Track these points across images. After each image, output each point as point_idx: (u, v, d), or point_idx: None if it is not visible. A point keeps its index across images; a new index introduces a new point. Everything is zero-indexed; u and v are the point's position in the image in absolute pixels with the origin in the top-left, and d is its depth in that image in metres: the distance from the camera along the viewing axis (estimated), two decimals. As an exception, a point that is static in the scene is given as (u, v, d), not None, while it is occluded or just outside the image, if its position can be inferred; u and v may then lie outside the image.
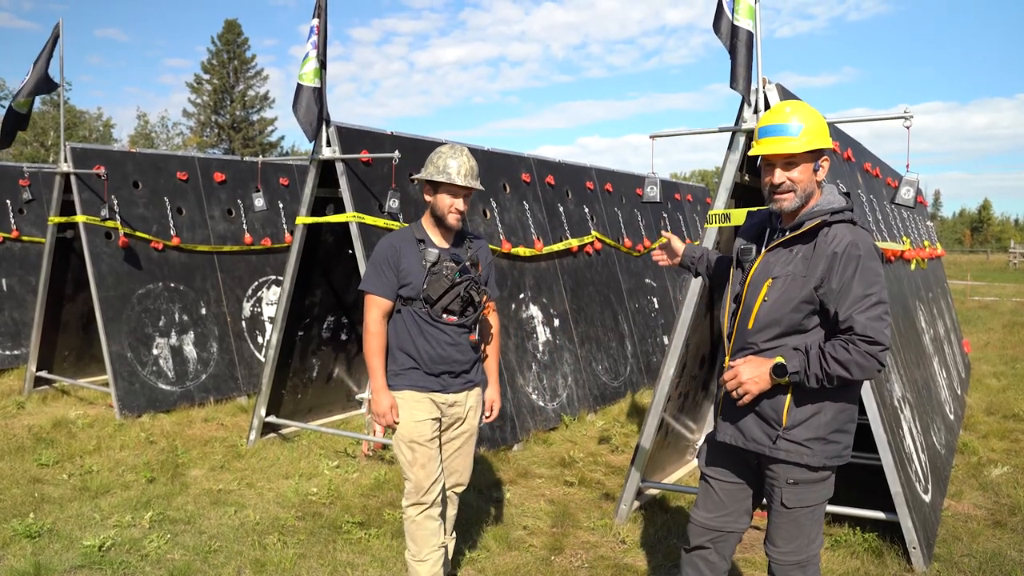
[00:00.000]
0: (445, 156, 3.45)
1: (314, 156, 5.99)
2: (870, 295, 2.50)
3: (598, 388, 7.83)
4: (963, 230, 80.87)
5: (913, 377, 5.31)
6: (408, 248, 3.48)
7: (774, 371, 2.54)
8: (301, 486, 5.45)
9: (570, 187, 8.44)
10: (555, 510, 5.06)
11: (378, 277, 3.48)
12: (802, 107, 2.64)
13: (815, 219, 2.60)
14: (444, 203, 3.45)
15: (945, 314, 8.41)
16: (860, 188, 5.72)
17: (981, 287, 24.20)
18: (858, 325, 2.48)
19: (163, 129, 49.63)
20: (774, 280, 2.61)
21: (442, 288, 3.43)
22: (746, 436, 2.73)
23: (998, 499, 5.17)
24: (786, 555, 2.77)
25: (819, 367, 2.49)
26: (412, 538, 3.55)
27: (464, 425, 3.64)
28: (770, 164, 2.64)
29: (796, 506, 2.71)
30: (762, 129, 2.65)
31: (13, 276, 10.05)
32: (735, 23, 4.19)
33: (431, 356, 3.46)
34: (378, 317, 3.50)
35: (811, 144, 2.56)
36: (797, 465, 2.67)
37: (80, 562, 4.25)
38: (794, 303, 2.59)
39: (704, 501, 2.95)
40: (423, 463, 3.47)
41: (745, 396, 2.63)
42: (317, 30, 5.67)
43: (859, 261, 2.52)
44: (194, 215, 8.41)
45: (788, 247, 2.64)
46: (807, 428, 2.63)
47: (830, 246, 2.55)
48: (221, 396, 8.12)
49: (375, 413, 3.51)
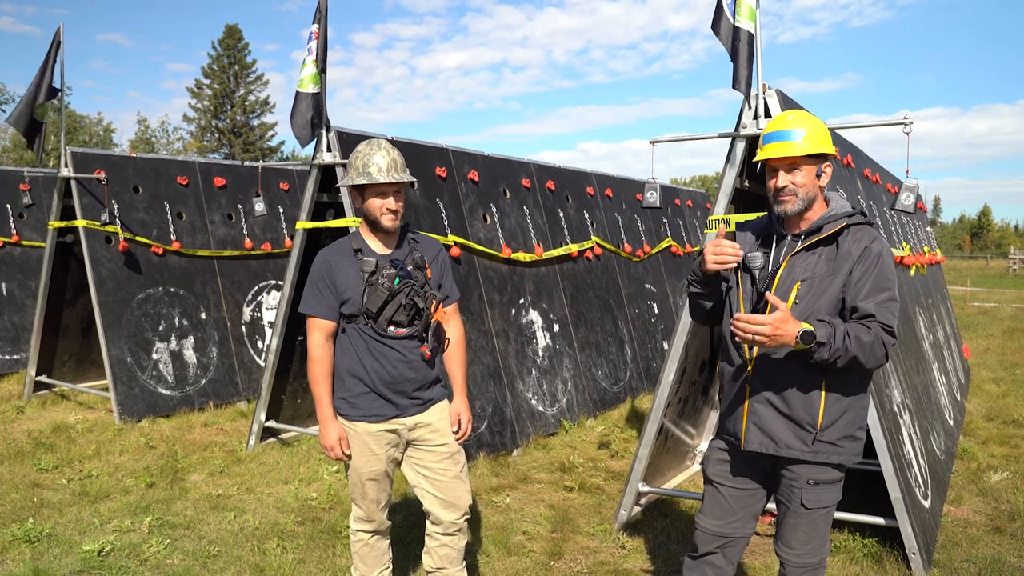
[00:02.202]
0: (363, 155, 3.16)
1: (314, 161, 6.00)
2: (888, 290, 2.62)
3: (598, 393, 7.83)
4: (963, 236, 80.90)
5: (913, 383, 5.31)
6: (343, 261, 3.22)
7: (802, 337, 2.49)
8: (301, 491, 5.45)
9: (570, 192, 8.45)
10: (555, 515, 5.05)
11: (315, 297, 3.22)
12: (804, 115, 2.74)
13: (837, 223, 2.69)
14: (374, 205, 3.17)
15: (945, 320, 8.42)
16: (860, 194, 5.73)
17: (981, 293, 24.21)
18: (878, 314, 2.57)
19: (163, 134, 49.71)
20: (803, 283, 2.67)
21: (381, 298, 3.14)
22: (778, 443, 2.72)
23: (998, 505, 5.16)
24: (803, 557, 2.79)
25: (842, 343, 2.51)
26: (363, 559, 3.44)
27: (442, 445, 3.32)
28: (774, 169, 2.72)
29: (815, 507, 2.74)
30: (766, 136, 2.75)
31: (13, 280, 10.06)
32: (736, 25, 4.21)
33: (381, 377, 3.19)
34: (320, 341, 3.23)
35: (813, 148, 2.66)
36: (825, 465, 2.71)
37: (79, 567, 4.24)
38: (827, 302, 2.66)
39: (712, 508, 2.94)
40: (375, 498, 3.33)
41: (759, 339, 2.50)
42: (316, 35, 5.68)
43: (880, 259, 2.64)
44: (194, 220, 8.42)
45: (811, 251, 2.71)
46: (839, 427, 2.69)
47: (854, 245, 2.66)
48: (221, 401, 8.12)
49: (323, 446, 3.25)
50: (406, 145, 6.42)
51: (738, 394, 2.80)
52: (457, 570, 3.43)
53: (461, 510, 3.36)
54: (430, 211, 6.41)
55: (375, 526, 3.41)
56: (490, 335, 6.60)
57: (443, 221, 6.48)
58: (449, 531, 3.37)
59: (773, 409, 2.71)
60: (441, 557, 3.39)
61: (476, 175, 7.05)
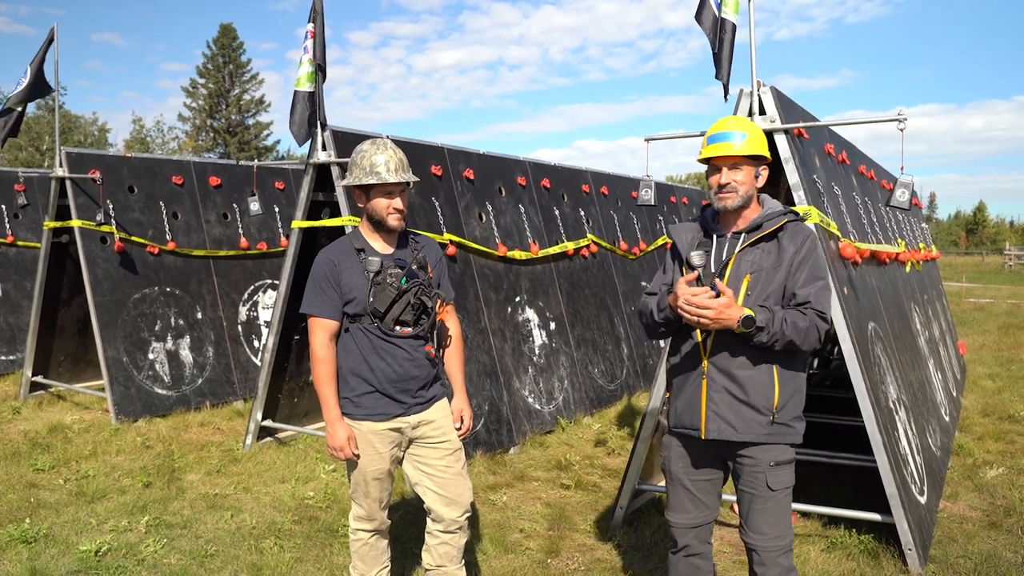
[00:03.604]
0: (369, 154, 3.16)
1: (310, 160, 6.00)
2: (822, 279, 2.90)
3: (594, 391, 7.84)
4: (958, 232, 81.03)
5: (908, 379, 5.33)
6: (347, 260, 3.20)
7: (743, 321, 2.74)
8: (298, 490, 5.45)
9: (566, 190, 8.45)
10: (551, 513, 5.06)
11: (319, 296, 3.19)
12: (745, 120, 3.04)
13: (776, 220, 2.96)
14: (380, 205, 3.18)
15: (940, 316, 8.44)
16: (855, 190, 5.75)
17: (976, 289, 24.27)
18: (814, 301, 2.84)
19: (159, 133, 49.64)
20: (752, 275, 2.91)
21: (389, 298, 3.15)
22: (737, 428, 2.90)
23: (993, 500, 5.18)
24: (775, 540, 2.93)
25: (780, 327, 2.76)
26: (361, 558, 3.43)
27: (445, 442, 3.35)
28: (716, 168, 2.97)
29: (780, 488, 2.92)
30: (710, 137, 3.01)
31: (9, 281, 10.04)
32: (722, 16, 4.31)
33: (388, 376, 3.19)
34: (324, 341, 3.21)
35: (752, 150, 2.92)
36: (783, 445, 2.92)
37: (76, 567, 4.24)
38: (775, 291, 2.91)
39: (682, 503, 3.11)
40: (377, 497, 3.33)
41: (703, 322, 2.76)
42: (311, 34, 5.68)
43: (814, 251, 2.93)
44: (190, 219, 8.41)
45: (754, 246, 2.97)
46: (790, 409, 2.92)
47: (792, 240, 2.93)
48: (217, 400, 8.11)
49: (331, 447, 3.23)
50: (402, 144, 6.42)
51: (694, 388, 2.98)
52: (456, 568, 3.43)
53: (463, 507, 3.36)
54: (426, 209, 6.41)
55: (376, 525, 3.41)
56: (486, 333, 6.60)
57: (439, 219, 6.48)
58: (450, 529, 3.36)
59: (731, 396, 2.90)
60: (441, 555, 3.39)
61: (471, 173, 7.05)
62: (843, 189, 5.33)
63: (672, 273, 3.12)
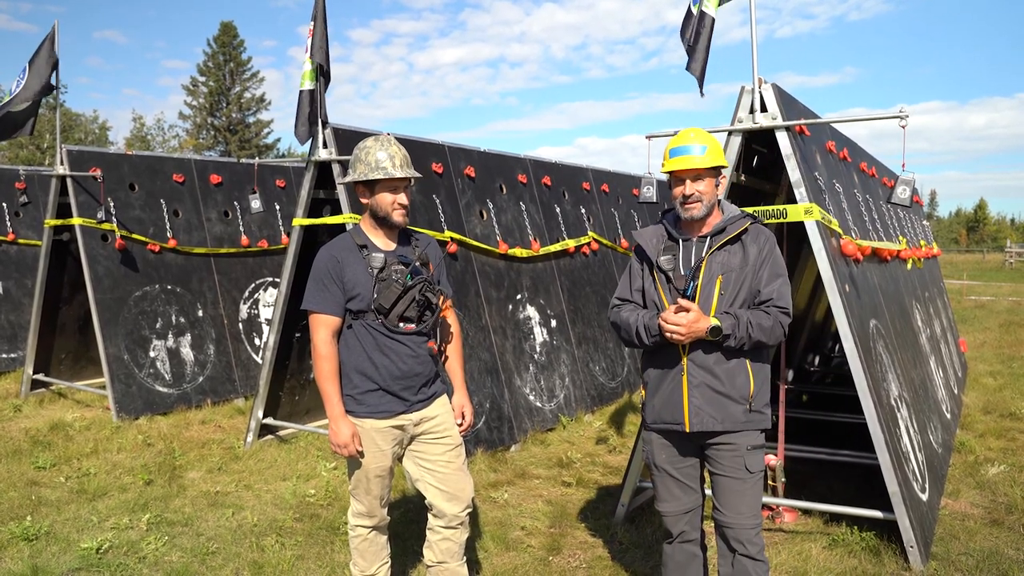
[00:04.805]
0: (374, 150, 3.17)
1: (310, 158, 5.99)
2: (781, 276, 3.11)
3: (595, 389, 7.84)
4: (959, 230, 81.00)
5: (910, 376, 5.32)
6: (350, 257, 3.19)
7: (711, 331, 2.97)
8: (299, 488, 5.45)
9: (566, 188, 8.45)
10: (553, 510, 5.06)
11: (322, 293, 3.18)
12: (703, 133, 3.19)
13: (739, 224, 3.14)
14: (385, 201, 3.18)
15: (941, 313, 8.43)
16: (856, 188, 5.74)
17: (977, 286, 24.26)
18: (776, 296, 3.06)
19: (159, 131, 49.58)
20: (724, 276, 3.09)
21: (394, 294, 3.15)
22: (719, 419, 3.08)
23: (995, 498, 5.18)
24: (750, 519, 3.13)
25: (745, 332, 2.99)
26: (361, 554, 3.43)
27: (446, 438, 3.36)
28: (680, 179, 3.13)
29: (756, 470, 3.13)
30: (672, 150, 3.15)
31: (9, 279, 10.04)
32: (703, 10, 4.42)
33: (392, 373, 3.19)
34: (327, 338, 3.19)
35: (713, 161, 3.09)
36: (755, 431, 3.13)
37: (78, 564, 4.24)
38: (746, 289, 3.10)
39: (673, 492, 3.26)
40: (378, 494, 3.33)
41: (675, 337, 2.99)
42: (311, 33, 5.69)
43: (773, 251, 3.15)
44: (190, 217, 8.41)
45: (721, 249, 3.14)
46: (761, 397, 3.13)
47: (755, 240, 3.14)
48: (218, 398, 8.12)
49: (335, 444, 3.21)
50: (403, 141, 6.41)
51: (674, 384, 3.14)
52: (458, 564, 3.43)
53: (464, 502, 3.36)
54: (426, 207, 6.41)
55: (376, 521, 3.41)
56: (487, 331, 6.60)
57: (440, 217, 6.47)
58: (452, 524, 3.36)
59: (711, 390, 3.08)
60: (442, 551, 3.39)
61: (472, 171, 7.05)
62: (844, 186, 5.32)
63: (641, 278, 3.27)
